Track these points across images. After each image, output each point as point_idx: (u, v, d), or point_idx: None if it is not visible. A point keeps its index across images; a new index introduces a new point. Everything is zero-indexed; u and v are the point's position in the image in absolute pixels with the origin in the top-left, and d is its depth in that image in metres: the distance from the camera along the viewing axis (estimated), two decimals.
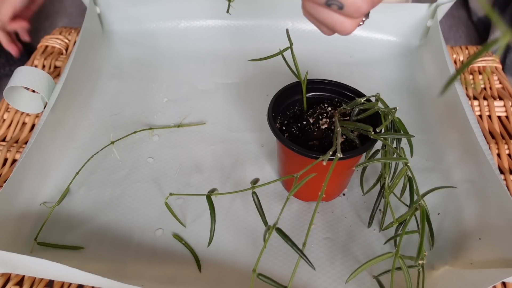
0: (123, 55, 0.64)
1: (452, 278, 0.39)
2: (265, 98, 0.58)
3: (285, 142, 0.40)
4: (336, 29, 0.36)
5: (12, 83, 0.50)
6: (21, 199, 0.45)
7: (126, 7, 0.65)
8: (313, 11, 0.35)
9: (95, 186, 0.48)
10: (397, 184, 0.38)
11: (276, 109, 0.44)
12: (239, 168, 0.50)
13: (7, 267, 0.39)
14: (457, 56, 0.64)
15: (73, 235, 0.44)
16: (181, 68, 0.62)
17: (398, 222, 0.37)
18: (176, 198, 0.47)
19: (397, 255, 0.34)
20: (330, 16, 0.34)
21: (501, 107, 0.56)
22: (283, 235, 0.33)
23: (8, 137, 0.53)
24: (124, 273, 0.40)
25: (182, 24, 0.67)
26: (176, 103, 0.57)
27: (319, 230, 0.44)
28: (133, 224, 0.45)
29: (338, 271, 0.41)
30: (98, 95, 0.58)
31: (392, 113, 0.40)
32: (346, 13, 0.34)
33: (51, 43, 0.66)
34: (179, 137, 0.53)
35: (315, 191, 0.44)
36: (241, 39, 0.66)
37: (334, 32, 0.38)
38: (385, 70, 0.62)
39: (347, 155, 0.38)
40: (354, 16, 0.34)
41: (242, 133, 0.54)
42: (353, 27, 0.35)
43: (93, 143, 0.52)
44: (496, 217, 0.42)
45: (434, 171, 0.49)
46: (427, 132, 0.54)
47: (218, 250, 0.43)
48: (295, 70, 0.44)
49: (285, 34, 0.43)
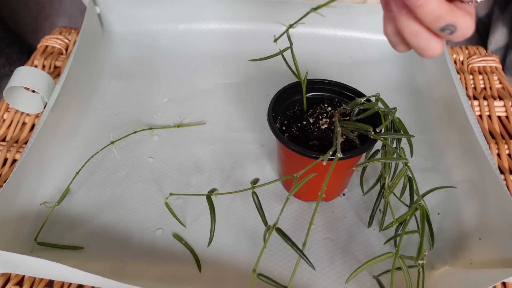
0: (123, 55, 0.64)
1: (452, 278, 0.39)
2: (265, 98, 0.58)
3: (285, 142, 0.40)
4: (427, 52, 0.33)
5: (12, 83, 0.50)
6: (21, 199, 0.45)
7: (126, 7, 0.65)
8: (411, 35, 0.32)
9: (95, 186, 0.48)
10: (397, 184, 0.38)
11: (276, 109, 0.44)
12: (239, 168, 0.50)
13: (7, 267, 0.39)
14: (457, 56, 0.64)
15: (73, 235, 0.44)
16: (181, 68, 0.62)
17: (398, 222, 0.37)
18: (176, 198, 0.47)
19: (397, 255, 0.34)
20: (428, 39, 0.32)
21: (501, 107, 0.56)
22: (283, 235, 0.33)
23: (8, 137, 0.53)
24: (124, 273, 0.40)
25: (182, 24, 0.67)
26: (176, 103, 0.57)
27: (319, 230, 0.44)
28: (133, 224, 0.45)
29: (338, 271, 0.41)
30: (98, 95, 0.58)
31: (392, 113, 0.40)
32: (451, 38, 0.32)
33: (51, 43, 0.66)
34: (179, 137, 0.53)
35: (315, 191, 0.44)
36: (241, 39, 0.66)
37: (410, 50, 0.35)
38: (385, 70, 0.62)
39: (347, 155, 0.38)
40: (456, 41, 0.32)
41: (242, 133, 0.54)
42: (443, 49, 0.33)
43: (93, 143, 0.52)
44: (496, 217, 0.42)
45: (434, 171, 0.49)
46: (427, 132, 0.54)
47: (218, 250, 0.43)
48: (295, 70, 0.44)
49: (285, 34, 0.43)
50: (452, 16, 0.29)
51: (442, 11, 0.29)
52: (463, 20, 0.30)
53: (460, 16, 0.30)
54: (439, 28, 0.30)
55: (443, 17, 0.29)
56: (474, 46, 0.65)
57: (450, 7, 0.29)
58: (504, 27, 0.97)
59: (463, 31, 0.31)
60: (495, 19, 0.99)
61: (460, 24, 0.30)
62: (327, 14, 0.35)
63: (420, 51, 0.33)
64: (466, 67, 0.62)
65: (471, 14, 0.31)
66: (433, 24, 0.30)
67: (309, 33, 0.65)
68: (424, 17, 0.30)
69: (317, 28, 0.65)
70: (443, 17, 0.29)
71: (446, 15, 0.29)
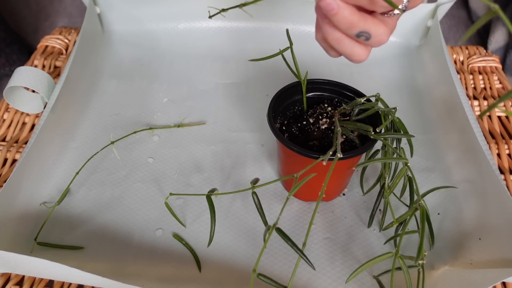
0: (123, 55, 0.64)
1: (452, 278, 0.39)
2: (265, 98, 0.58)
3: (285, 142, 0.40)
4: (353, 58, 0.36)
5: (12, 83, 0.50)
6: (21, 199, 0.45)
7: (126, 7, 0.65)
8: (334, 41, 0.35)
9: (95, 186, 0.48)
10: (397, 184, 0.38)
11: (276, 109, 0.44)
12: (239, 168, 0.50)
13: (7, 267, 0.39)
14: (457, 56, 0.64)
15: (73, 235, 0.44)
16: (181, 68, 0.62)
17: (398, 222, 0.37)
18: (176, 198, 0.47)
19: (397, 255, 0.34)
20: (351, 45, 0.35)
21: (501, 107, 0.56)
22: (283, 235, 0.33)
23: (8, 137, 0.53)
24: (124, 273, 0.40)
25: (182, 24, 0.67)
26: (176, 103, 0.57)
27: (319, 230, 0.44)
28: (133, 224, 0.45)
29: (338, 271, 0.41)
30: (98, 95, 0.58)
31: (392, 113, 0.40)
32: (369, 44, 0.35)
33: (51, 43, 0.66)
34: (179, 137, 0.53)
35: (315, 191, 0.44)
36: (241, 39, 0.66)
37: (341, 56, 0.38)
38: (385, 70, 0.62)
39: (347, 155, 0.38)
40: (374, 46, 0.35)
41: (242, 133, 0.54)
42: (368, 56, 0.37)
43: (93, 143, 0.52)
44: (496, 217, 0.42)
45: (434, 171, 0.49)
46: (427, 132, 0.54)
47: (218, 250, 0.43)
48: (295, 70, 0.44)
49: (285, 34, 0.43)
50: (365, 24, 0.32)
51: (354, 19, 0.32)
52: (376, 28, 0.33)
53: (372, 24, 0.33)
54: (354, 34, 0.33)
55: (355, 24, 0.32)
56: (474, 46, 0.65)
57: (362, 16, 0.32)
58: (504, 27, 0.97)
59: (378, 38, 0.33)
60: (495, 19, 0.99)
61: (373, 31, 0.33)
62: None
63: (347, 56, 0.36)
64: (466, 67, 0.62)
65: (386, 23, 0.33)
66: (348, 31, 0.33)
67: (309, 33, 0.65)
68: (339, 24, 0.33)
69: None
70: (356, 24, 0.32)
71: (358, 23, 0.32)
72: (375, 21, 0.33)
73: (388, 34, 0.34)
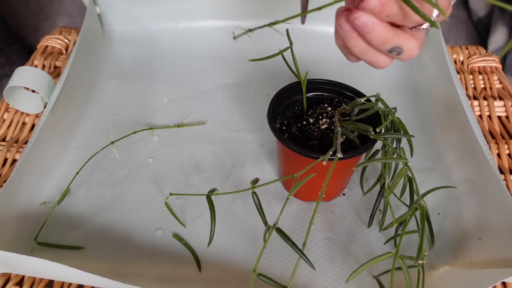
0: (123, 55, 0.64)
1: (452, 278, 0.39)
2: (265, 98, 0.58)
3: (285, 142, 0.40)
4: (377, 65, 0.36)
5: (12, 83, 0.50)
6: (21, 199, 0.45)
7: (126, 7, 0.65)
8: (360, 52, 0.35)
9: (95, 186, 0.48)
10: (397, 184, 0.38)
11: (276, 109, 0.44)
12: (239, 168, 0.50)
13: (7, 267, 0.39)
14: (457, 56, 0.64)
15: (73, 235, 0.44)
16: (181, 68, 0.62)
17: (398, 222, 0.37)
18: (176, 198, 0.47)
19: (397, 255, 0.34)
20: (376, 55, 0.35)
21: (501, 107, 0.56)
22: (283, 235, 0.33)
23: (8, 137, 0.53)
24: (124, 273, 0.40)
25: (182, 24, 0.67)
26: (176, 103, 0.57)
27: (319, 230, 0.44)
28: (133, 224, 0.45)
29: (338, 271, 0.41)
30: (98, 95, 0.58)
31: (392, 113, 0.40)
32: (400, 58, 0.35)
33: (51, 43, 0.65)
34: (179, 137, 0.53)
35: (315, 191, 0.44)
36: (241, 39, 0.66)
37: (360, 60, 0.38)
38: (385, 70, 0.62)
39: (347, 155, 0.38)
40: (404, 60, 0.35)
41: (242, 133, 0.54)
42: (390, 62, 0.37)
43: (93, 143, 0.52)
44: (496, 217, 0.42)
45: (434, 171, 0.49)
46: (427, 132, 0.54)
47: (218, 250, 0.43)
48: (295, 70, 0.44)
49: (285, 34, 0.43)
50: (397, 39, 0.32)
51: (389, 36, 0.32)
52: (408, 43, 0.33)
53: (405, 39, 0.33)
54: (387, 50, 0.33)
55: (389, 40, 0.32)
56: (474, 46, 0.65)
57: (395, 31, 0.32)
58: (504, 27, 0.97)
59: (409, 52, 0.34)
60: (495, 19, 0.99)
61: (405, 46, 0.33)
62: (327, 14, 0.35)
63: (370, 64, 0.36)
64: (466, 67, 0.62)
65: (416, 37, 0.33)
66: (381, 47, 0.33)
67: (309, 33, 0.65)
68: (373, 41, 0.32)
69: (318, 28, 0.65)
70: (390, 40, 0.32)
71: (392, 39, 0.32)
72: (407, 36, 0.33)
73: (418, 48, 0.34)
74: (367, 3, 0.30)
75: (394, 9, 0.30)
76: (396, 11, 0.30)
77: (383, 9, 0.30)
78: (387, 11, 0.30)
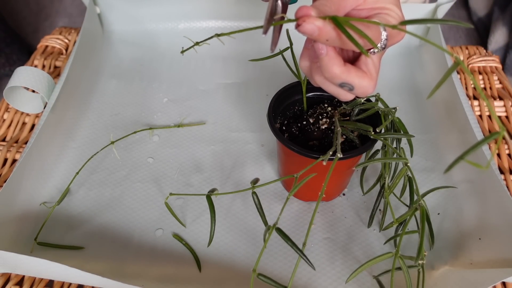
0: (123, 55, 0.64)
1: (452, 278, 0.39)
2: (265, 98, 0.58)
3: (285, 142, 0.40)
4: (339, 98, 0.37)
5: (12, 83, 0.50)
6: (21, 199, 0.45)
7: (126, 7, 0.65)
8: (324, 86, 0.36)
9: (95, 186, 0.48)
10: (397, 184, 0.38)
11: (276, 109, 0.44)
12: (239, 168, 0.50)
13: (7, 267, 0.39)
14: (457, 56, 0.64)
15: (73, 235, 0.44)
16: (181, 68, 0.62)
17: (398, 222, 0.37)
18: (176, 198, 0.47)
19: (397, 255, 0.34)
20: (338, 91, 0.36)
21: (501, 107, 0.56)
22: (283, 235, 0.33)
23: (8, 137, 0.53)
24: (124, 273, 0.40)
25: (182, 24, 0.67)
26: (176, 103, 0.57)
27: (319, 230, 0.44)
28: (133, 224, 0.45)
29: (338, 271, 0.41)
30: (98, 95, 0.58)
31: (392, 113, 0.40)
32: (353, 94, 0.35)
33: (51, 43, 0.66)
34: (179, 137, 0.53)
35: (315, 191, 0.44)
36: (241, 39, 0.66)
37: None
38: (385, 70, 0.62)
39: (347, 155, 0.38)
40: (359, 97, 0.36)
41: (242, 133, 0.54)
42: (353, 97, 0.37)
43: (93, 143, 0.52)
44: (496, 217, 0.42)
45: (434, 171, 0.49)
46: (427, 132, 0.54)
47: (218, 250, 0.43)
48: (295, 70, 0.44)
49: (285, 34, 0.43)
50: (347, 76, 0.32)
51: (337, 71, 0.32)
52: (359, 81, 0.33)
53: (356, 77, 0.33)
54: (337, 84, 0.33)
55: (338, 76, 0.32)
56: (474, 46, 0.65)
57: (346, 68, 0.32)
58: (504, 27, 0.97)
59: (362, 90, 0.34)
60: (495, 19, 0.99)
61: (356, 83, 0.33)
62: None
63: (334, 96, 0.37)
64: (466, 67, 0.62)
65: (369, 75, 0.33)
66: (331, 80, 0.33)
67: None
68: (324, 72, 0.33)
69: None
70: (338, 76, 0.32)
71: (340, 75, 0.32)
72: (360, 73, 0.33)
73: (372, 86, 0.34)
74: (303, 28, 0.30)
75: (332, 33, 0.30)
76: (335, 36, 0.30)
77: (321, 33, 0.30)
78: (325, 35, 0.30)
